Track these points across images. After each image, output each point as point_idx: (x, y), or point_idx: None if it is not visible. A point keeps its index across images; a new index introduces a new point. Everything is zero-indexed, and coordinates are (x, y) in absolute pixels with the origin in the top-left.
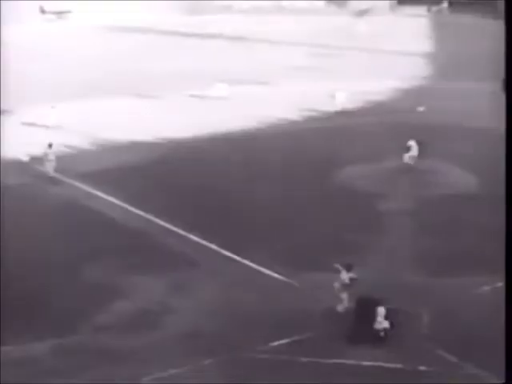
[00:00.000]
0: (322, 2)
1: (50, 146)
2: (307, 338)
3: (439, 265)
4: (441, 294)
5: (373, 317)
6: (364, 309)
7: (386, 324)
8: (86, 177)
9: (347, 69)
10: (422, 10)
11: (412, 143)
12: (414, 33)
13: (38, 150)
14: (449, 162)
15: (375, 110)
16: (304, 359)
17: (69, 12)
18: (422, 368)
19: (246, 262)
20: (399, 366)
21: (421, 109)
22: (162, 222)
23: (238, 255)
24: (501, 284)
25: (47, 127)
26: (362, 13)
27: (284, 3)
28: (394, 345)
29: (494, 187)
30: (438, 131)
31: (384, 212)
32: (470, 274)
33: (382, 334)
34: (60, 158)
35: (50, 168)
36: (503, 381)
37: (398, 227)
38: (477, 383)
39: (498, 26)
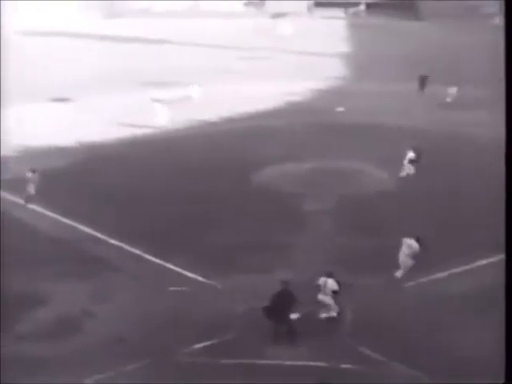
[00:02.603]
0: (241, 4)
1: (34, 171)
2: (230, 340)
3: (362, 262)
4: (364, 291)
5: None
6: (282, 305)
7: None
8: (7, 184)
9: (267, 70)
10: (339, 12)
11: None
12: (333, 35)
13: None
14: (367, 161)
15: (296, 110)
16: (227, 361)
17: None
18: (345, 366)
19: (169, 265)
20: (322, 364)
21: (340, 109)
22: (85, 228)
23: (160, 259)
24: (424, 279)
25: None
26: (280, 15)
27: (202, 5)
28: (317, 343)
29: (409, 185)
30: (357, 131)
31: (305, 212)
32: (393, 270)
33: (323, 315)
34: None
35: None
36: (503, 381)
37: (320, 226)
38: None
39: (415, 27)
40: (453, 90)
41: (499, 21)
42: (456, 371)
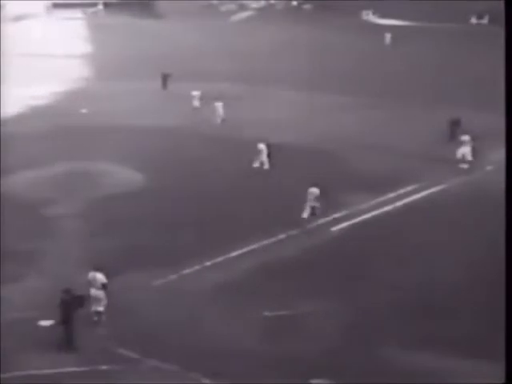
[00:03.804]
0: None
1: None
2: None
3: (113, 261)
4: (116, 290)
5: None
6: (67, 313)
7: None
8: None
9: (9, 75)
10: (77, 12)
11: None
12: (73, 35)
13: None
14: (115, 161)
15: (39, 114)
16: None
17: None
18: (103, 367)
19: None
20: (81, 369)
21: (84, 111)
22: None
23: None
24: (174, 276)
25: None
26: (19, 18)
27: None
28: (76, 349)
29: (160, 183)
30: (102, 132)
31: (54, 217)
32: (143, 268)
33: (95, 318)
34: None
35: None
36: (503, 381)
37: (71, 230)
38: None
39: (155, 26)
40: (197, 93)
41: (237, 18)
42: (210, 361)
